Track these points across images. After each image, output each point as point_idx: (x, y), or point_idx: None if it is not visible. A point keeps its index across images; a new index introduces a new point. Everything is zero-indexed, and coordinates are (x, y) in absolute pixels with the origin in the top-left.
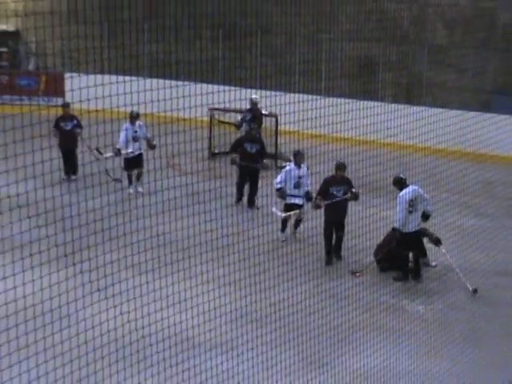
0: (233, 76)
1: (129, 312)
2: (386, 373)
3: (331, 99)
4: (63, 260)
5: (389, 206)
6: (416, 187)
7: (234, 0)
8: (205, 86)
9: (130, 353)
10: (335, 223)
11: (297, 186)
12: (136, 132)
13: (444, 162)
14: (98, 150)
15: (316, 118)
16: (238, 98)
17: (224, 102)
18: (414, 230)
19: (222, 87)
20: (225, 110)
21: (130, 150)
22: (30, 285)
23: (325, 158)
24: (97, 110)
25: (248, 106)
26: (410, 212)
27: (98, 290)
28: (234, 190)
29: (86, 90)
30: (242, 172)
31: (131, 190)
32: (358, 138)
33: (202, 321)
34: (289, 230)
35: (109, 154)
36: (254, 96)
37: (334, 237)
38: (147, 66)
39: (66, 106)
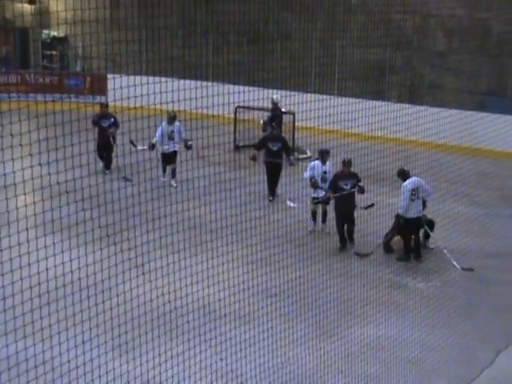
0: (256, 77)
1: (162, 286)
2: (390, 343)
3: (343, 99)
4: (105, 240)
5: (393, 194)
6: (417, 178)
7: (257, 9)
8: (231, 86)
9: (163, 322)
10: (345, 215)
11: (322, 180)
12: (172, 132)
13: (443, 155)
14: (132, 142)
15: (329, 115)
16: (261, 97)
17: (248, 101)
18: (415, 216)
19: (246, 87)
20: (249, 108)
21: (164, 146)
22: (77, 261)
23: (337, 151)
24: (135, 108)
25: (270, 105)
26: (412, 200)
27: (136, 266)
28: (257, 178)
29: (125, 90)
30: (267, 168)
31: (165, 179)
32: (366, 133)
33: (227, 295)
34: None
35: (142, 147)
36: (274, 96)
37: (345, 227)
38: (180, 68)
39: (104, 105)
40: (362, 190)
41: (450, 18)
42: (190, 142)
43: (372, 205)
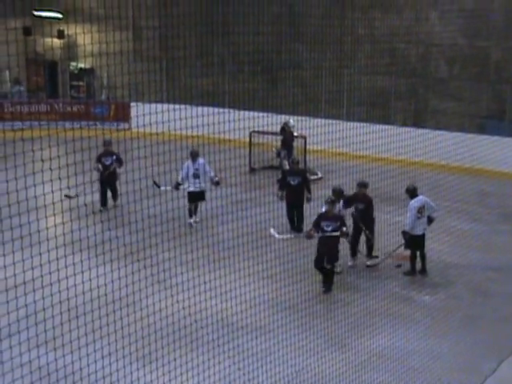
0: (269, 104)
1: (183, 300)
2: (398, 352)
3: (351, 123)
4: (129, 257)
5: (399, 212)
6: (423, 197)
7: (271, 41)
8: (246, 112)
9: (183, 334)
10: (325, 256)
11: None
12: (197, 170)
13: (445, 176)
14: (155, 183)
15: (338, 139)
16: (274, 122)
17: (261, 126)
18: (421, 233)
19: (260, 113)
20: (263, 133)
21: (190, 185)
22: (103, 277)
23: (346, 172)
24: (157, 134)
25: (282, 126)
26: (419, 218)
27: (158, 282)
28: (271, 198)
29: (147, 116)
30: (287, 203)
31: (191, 221)
32: (373, 155)
33: (244, 308)
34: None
35: (166, 188)
36: (291, 121)
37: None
38: (198, 96)
39: (107, 143)
40: (344, 234)
41: (452, 46)
42: (216, 178)
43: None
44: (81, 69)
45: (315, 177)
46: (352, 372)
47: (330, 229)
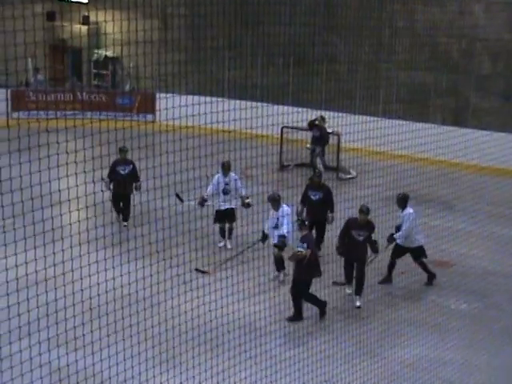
0: (302, 99)
1: (209, 303)
2: (432, 363)
3: (388, 121)
4: (154, 256)
5: (437, 216)
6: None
7: (304, 32)
8: (277, 107)
9: (209, 338)
10: (353, 262)
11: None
12: (227, 184)
13: (488, 178)
14: (177, 195)
15: (374, 137)
16: (306, 118)
17: (293, 122)
18: (415, 245)
19: (292, 108)
20: (295, 128)
21: (218, 203)
22: (126, 276)
23: (382, 173)
24: (186, 127)
25: (316, 122)
26: (412, 229)
27: (184, 283)
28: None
29: (175, 109)
30: (309, 221)
31: (221, 244)
32: (411, 155)
33: (272, 313)
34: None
35: (188, 201)
36: (324, 116)
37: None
38: (227, 89)
39: (123, 150)
40: (374, 249)
41: (497, 41)
42: (248, 200)
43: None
44: (106, 57)
45: (349, 176)
46: (383, 383)
47: (361, 238)
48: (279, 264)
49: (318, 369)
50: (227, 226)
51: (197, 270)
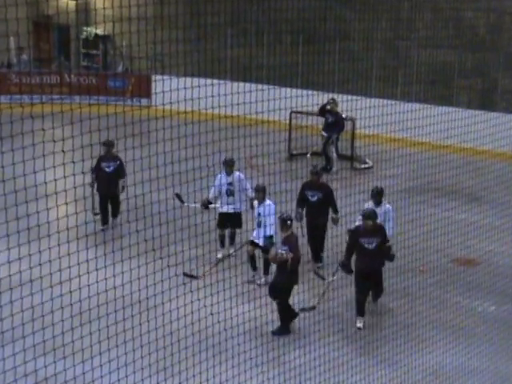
0: (312, 80)
1: (211, 305)
2: (458, 372)
3: (407, 104)
4: (150, 254)
5: (463, 209)
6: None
7: (314, 6)
8: (285, 89)
9: (211, 344)
10: (369, 275)
11: None
12: (231, 184)
13: None
14: (178, 196)
15: (393, 122)
16: (317, 102)
17: (302, 106)
18: None
19: (301, 91)
20: (305, 113)
21: (221, 205)
22: (120, 277)
23: (401, 162)
24: (185, 112)
25: (328, 107)
26: None
27: (184, 283)
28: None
29: (172, 93)
30: (307, 226)
31: (219, 255)
32: (433, 142)
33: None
34: None
35: (191, 204)
36: (335, 99)
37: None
38: (230, 70)
39: (109, 144)
40: (389, 257)
41: None
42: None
43: None
44: (96, 35)
45: (365, 165)
46: None
47: (373, 246)
48: (253, 262)
49: (331, 378)
50: (228, 231)
51: (185, 274)
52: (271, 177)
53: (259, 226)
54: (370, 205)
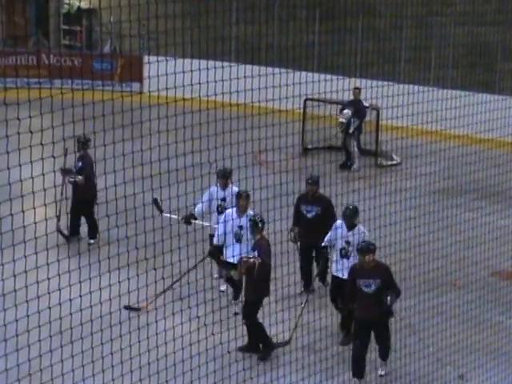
0: (330, 63)
1: (212, 324)
2: None
3: (442, 91)
4: (142, 264)
5: (507, 214)
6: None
7: None
8: (299, 74)
9: (212, 369)
10: (368, 324)
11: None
12: (224, 200)
13: None
14: (156, 202)
15: (424, 112)
16: (336, 88)
17: (318, 93)
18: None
19: (318, 75)
20: (322, 101)
21: (213, 223)
22: (107, 290)
23: (435, 158)
24: (183, 99)
25: (351, 97)
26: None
27: (180, 299)
28: (333, 190)
29: (167, 77)
30: (301, 247)
31: (222, 288)
32: (472, 135)
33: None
34: None
35: (172, 216)
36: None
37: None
38: (236, 50)
39: (81, 141)
40: (386, 308)
41: None
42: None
43: None
44: (79, 9)
45: (391, 162)
46: None
47: (372, 289)
48: (238, 290)
49: None
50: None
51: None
52: (282, 175)
53: (239, 241)
54: (340, 227)
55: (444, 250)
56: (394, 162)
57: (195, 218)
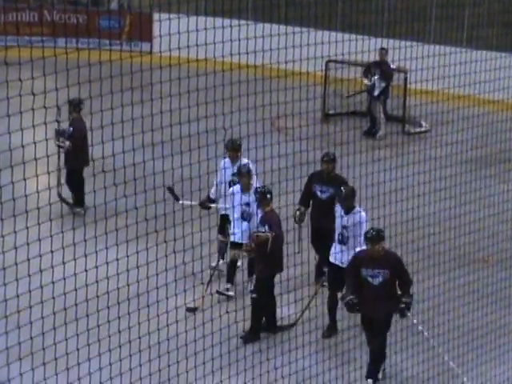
0: (354, 22)
1: (227, 301)
2: None
3: (476, 53)
4: (152, 237)
5: None
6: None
7: None
8: (320, 33)
9: (226, 351)
10: (370, 323)
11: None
12: (235, 175)
13: None
14: (170, 190)
15: (456, 75)
16: (360, 48)
17: (342, 54)
18: None
19: (340, 35)
20: (347, 63)
21: (223, 201)
22: (113, 265)
23: (466, 125)
24: (197, 60)
25: (377, 58)
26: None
27: (193, 274)
28: (357, 159)
29: (179, 35)
30: (312, 228)
31: (215, 264)
32: (508, 101)
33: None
34: None
35: (189, 202)
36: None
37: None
38: (252, 8)
39: (73, 103)
40: (401, 310)
41: None
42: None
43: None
44: None
45: (420, 129)
46: None
47: (378, 280)
48: (231, 272)
49: None
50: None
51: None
52: (302, 142)
53: (244, 218)
54: (337, 211)
55: (476, 224)
56: (423, 129)
57: (213, 201)
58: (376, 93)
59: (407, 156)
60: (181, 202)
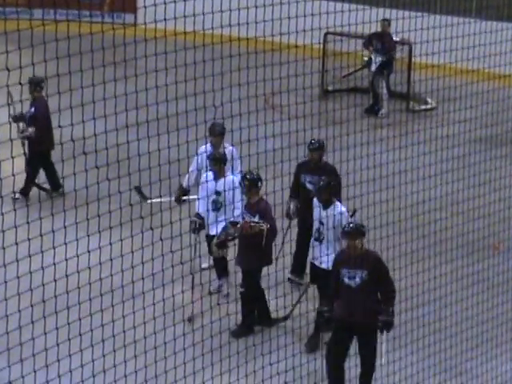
0: None
1: (219, 293)
2: None
3: (485, 23)
4: (138, 223)
5: None
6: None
7: None
8: (318, 3)
9: (217, 345)
10: (349, 327)
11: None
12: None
13: None
14: (138, 189)
15: (464, 48)
16: (361, 20)
17: (341, 26)
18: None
19: (340, 5)
20: (346, 36)
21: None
22: (96, 253)
23: (476, 102)
24: (185, 33)
25: (379, 30)
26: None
27: (181, 263)
28: (359, 138)
29: (165, 6)
30: (299, 226)
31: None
32: None
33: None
34: None
35: (159, 199)
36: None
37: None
38: None
39: (34, 82)
40: (386, 312)
41: None
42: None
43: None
44: None
45: (425, 106)
46: None
47: (355, 282)
48: (220, 267)
49: None
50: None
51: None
52: (299, 121)
53: (217, 209)
54: (317, 205)
55: (485, 209)
56: (429, 107)
57: (186, 192)
58: (373, 68)
59: (412, 135)
60: (149, 201)
